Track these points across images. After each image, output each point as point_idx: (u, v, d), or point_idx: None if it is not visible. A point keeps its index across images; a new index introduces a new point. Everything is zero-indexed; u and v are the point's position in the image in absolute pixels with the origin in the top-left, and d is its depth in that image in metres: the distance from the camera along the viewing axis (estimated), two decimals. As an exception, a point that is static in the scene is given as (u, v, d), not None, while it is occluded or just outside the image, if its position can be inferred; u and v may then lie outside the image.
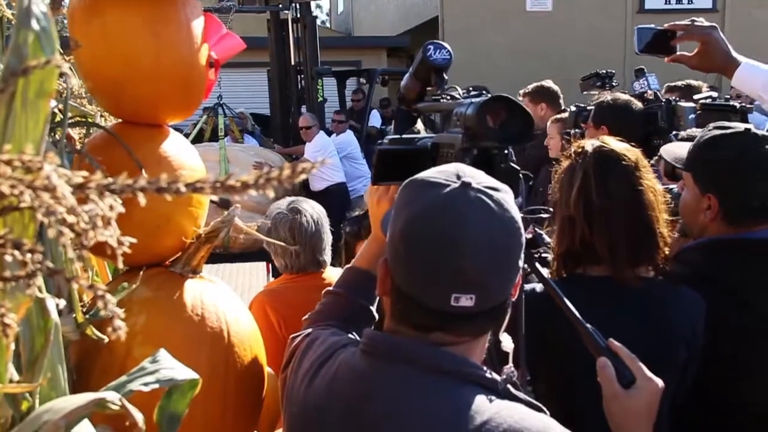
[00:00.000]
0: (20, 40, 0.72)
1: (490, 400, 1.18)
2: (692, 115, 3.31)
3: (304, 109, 9.55)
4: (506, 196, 1.21)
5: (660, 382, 1.46)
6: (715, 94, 3.74)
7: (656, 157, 3.00)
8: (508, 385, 1.25)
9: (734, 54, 2.25)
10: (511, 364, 1.44)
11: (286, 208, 2.99)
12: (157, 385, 1.05)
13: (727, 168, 1.92)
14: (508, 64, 14.81)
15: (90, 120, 1.89)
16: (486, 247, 1.15)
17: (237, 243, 6.41)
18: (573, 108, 4.10)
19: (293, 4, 9.44)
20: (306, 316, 1.65)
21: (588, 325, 1.54)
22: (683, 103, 3.43)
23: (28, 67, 0.70)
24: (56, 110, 1.64)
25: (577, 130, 3.91)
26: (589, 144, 1.86)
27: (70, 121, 1.77)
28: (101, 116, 1.95)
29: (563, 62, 14.07)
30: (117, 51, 1.62)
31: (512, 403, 1.20)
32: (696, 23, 2.27)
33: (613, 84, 4.83)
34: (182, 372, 1.08)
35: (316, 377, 1.32)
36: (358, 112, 11.82)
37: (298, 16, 9.56)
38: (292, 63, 9.79)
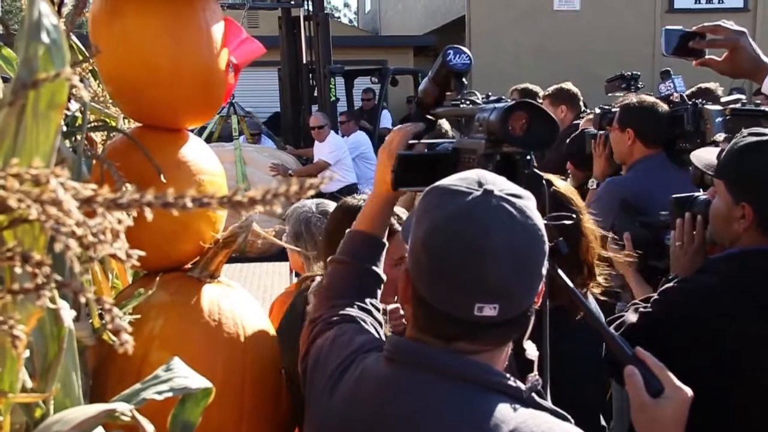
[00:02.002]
0: (30, 52, 0.72)
1: (515, 409, 1.17)
2: (719, 119, 3.25)
3: (315, 108, 9.41)
4: (529, 203, 1.19)
5: (689, 391, 1.43)
6: (743, 97, 3.68)
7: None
8: (533, 394, 1.23)
9: (764, 58, 2.21)
10: (536, 372, 1.42)
11: (318, 211, 2.97)
12: (170, 394, 1.05)
13: (764, 176, 1.87)
14: (535, 64, 14.72)
15: (112, 123, 1.89)
16: (509, 256, 1.14)
17: (254, 247, 6.40)
18: (598, 110, 4.05)
19: (306, 1, 9.30)
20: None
21: (614, 333, 1.51)
22: (710, 107, 3.38)
23: (38, 79, 0.70)
24: (78, 114, 1.65)
25: (601, 132, 3.87)
26: None
27: (90, 124, 1.78)
28: (124, 119, 1.96)
29: (591, 62, 13.97)
30: (137, 55, 1.62)
31: (538, 412, 1.19)
32: (724, 27, 2.22)
33: (639, 86, 4.77)
34: (196, 380, 1.08)
35: (339, 384, 1.32)
36: (369, 112, 11.47)
37: (310, 13, 9.37)
38: (304, 62, 9.62)
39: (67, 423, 0.86)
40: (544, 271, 1.21)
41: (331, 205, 3.06)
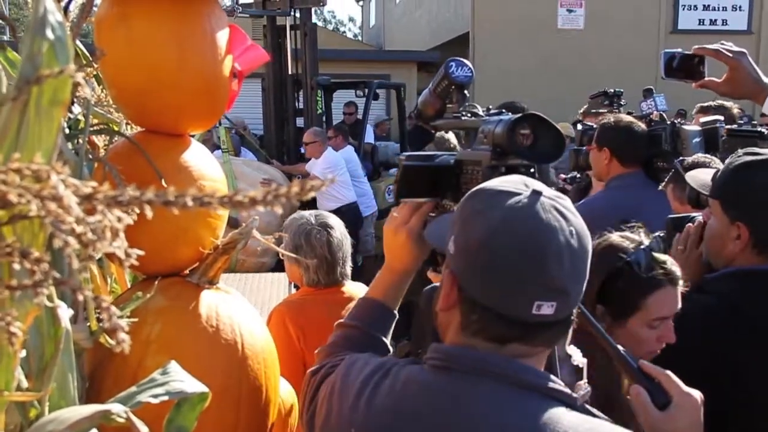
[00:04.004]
0: (35, 48, 0.72)
1: (577, 418, 1.16)
2: (696, 139, 3.28)
3: (300, 121, 9.07)
4: (570, 204, 1.20)
5: (698, 395, 1.42)
6: (722, 118, 3.71)
7: (664, 183, 2.96)
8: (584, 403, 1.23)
9: (765, 79, 2.21)
10: (585, 380, 1.41)
11: (317, 223, 2.97)
12: (166, 397, 1.04)
13: (759, 196, 1.86)
14: (538, 82, 14.79)
15: (115, 127, 1.90)
16: (568, 253, 1.14)
17: (245, 267, 6.32)
18: (579, 127, 4.09)
19: (293, 10, 8.91)
20: (319, 350, 1.62)
21: (619, 347, 1.51)
22: (687, 127, 3.41)
23: (42, 75, 0.70)
24: (80, 117, 1.65)
25: (583, 148, 3.91)
26: None
27: (93, 128, 1.78)
28: (126, 124, 1.96)
29: (594, 81, 14.00)
30: (141, 60, 1.62)
31: (599, 420, 1.18)
32: (724, 48, 2.22)
33: (621, 103, 4.80)
34: (192, 384, 1.07)
35: (375, 397, 1.28)
36: (351, 126, 10.82)
37: (298, 23, 8.99)
38: (290, 73, 9.23)
39: (62, 423, 0.86)
40: (588, 272, 1.21)
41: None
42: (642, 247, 1.85)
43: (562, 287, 1.15)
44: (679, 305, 1.81)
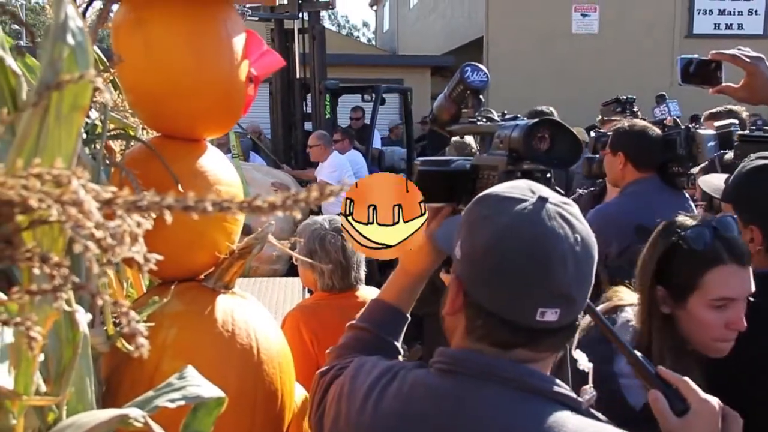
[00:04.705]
0: (55, 54, 0.73)
1: (582, 421, 1.16)
2: (711, 143, 3.27)
3: (309, 126, 9.00)
4: (577, 211, 1.21)
5: (716, 402, 1.42)
6: (736, 122, 3.69)
7: (698, 171, 2.95)
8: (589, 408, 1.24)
9: None
10: (591, 384, 1.42)
11: (331, 228, 2.97)
12: (183, 402, 1.04)
13: None
14: (552, 86, 14.74)
15: (131, 132, 1.90)
16: (572, 259, 1.15)
17: (257, 274, 6.32)
18: (593, 133, 4.09)
19: (302, 13, 8.84)
20: (329, 350, 1.62)
21: (637, 353, 1.50)
22: (702, 131, 3.40)
23: (62, 81, 0.70)
24: (97, 122, 1.66)
25: (596, 155, 3.90)
26: None
27: (109, 133, 1.79)
28: (143, 129, 1.97)
29: (608, 86, 13.98)
30: (158, 65, 1.63)
31: (603, 424, 1.19)
32: (742, 53, 2.20)
33: (634, 110, 4.78)
34: (209, 389, 1.07)
35: (382, 400, 1.28)
36: (358, 131, 10.62)
37: (306, 26, 8.91)
38: (297, 77, 9.14)
39: (80, 427, 0.86)
40: (593, 279, 1.21)
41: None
42: (703, 223, 1.78)
43: (567, 293, 1.15)
44: (750, 287, 1.74)
